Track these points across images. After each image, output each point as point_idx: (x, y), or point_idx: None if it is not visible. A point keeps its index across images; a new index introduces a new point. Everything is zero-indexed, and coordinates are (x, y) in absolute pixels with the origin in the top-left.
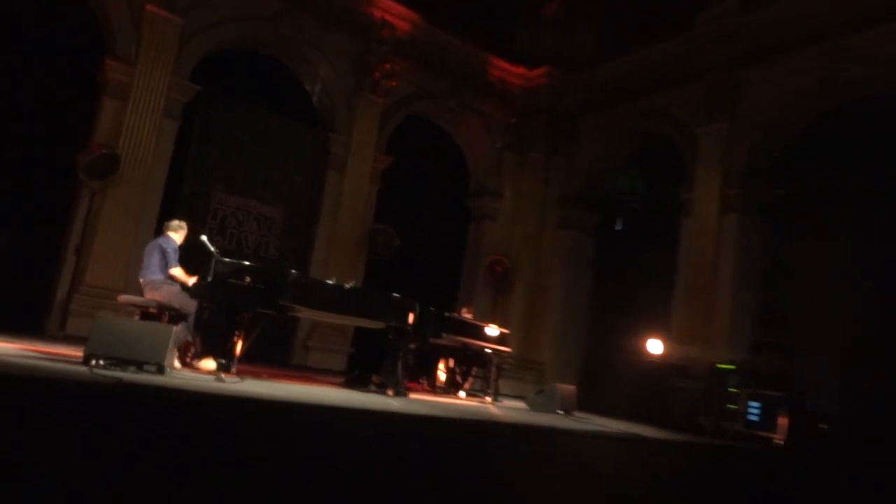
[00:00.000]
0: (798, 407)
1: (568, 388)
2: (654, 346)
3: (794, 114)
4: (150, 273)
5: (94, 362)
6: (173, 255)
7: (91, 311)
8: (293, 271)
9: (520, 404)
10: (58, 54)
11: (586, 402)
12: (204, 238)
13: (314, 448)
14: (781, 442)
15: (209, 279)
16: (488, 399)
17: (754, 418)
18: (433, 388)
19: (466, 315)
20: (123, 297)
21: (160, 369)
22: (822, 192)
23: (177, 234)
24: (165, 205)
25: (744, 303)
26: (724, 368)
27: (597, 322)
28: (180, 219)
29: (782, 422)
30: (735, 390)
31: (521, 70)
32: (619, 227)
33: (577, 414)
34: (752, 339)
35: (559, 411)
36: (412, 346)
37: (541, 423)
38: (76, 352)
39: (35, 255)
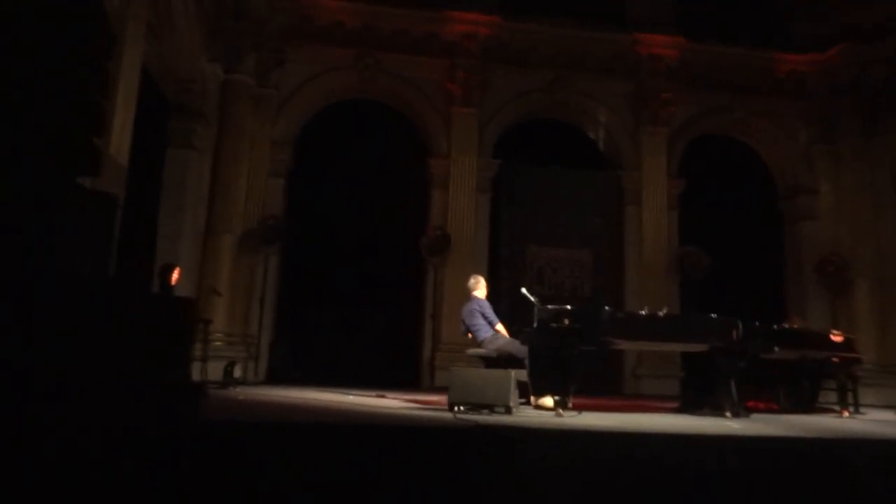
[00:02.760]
0: None
1: None
2: None
3: None
4: (482, 333)
5: (456, 409)
6: (490, 314)
7: (449, 365)
8: (606, 308)
9: (890, 415)
10: (397, 160)
11: None
12: (524, 290)
13: (648, 472)
14: None
15: (535, 325)
16: (845, 413)
17: None
18: (777, 405)
19: (796, 325)
20: (470, 351)
21: (508, 410)
22: None
23: (479, 291)
24: (490, 265)
25: None
26: None
27: None
28: (500, 274)
29: None
30: None
31: (809, 57)
32: None
33: None
34: None
35: None
36: (742, 364)
37: None
38: (443, 399)
39: (404, 323)
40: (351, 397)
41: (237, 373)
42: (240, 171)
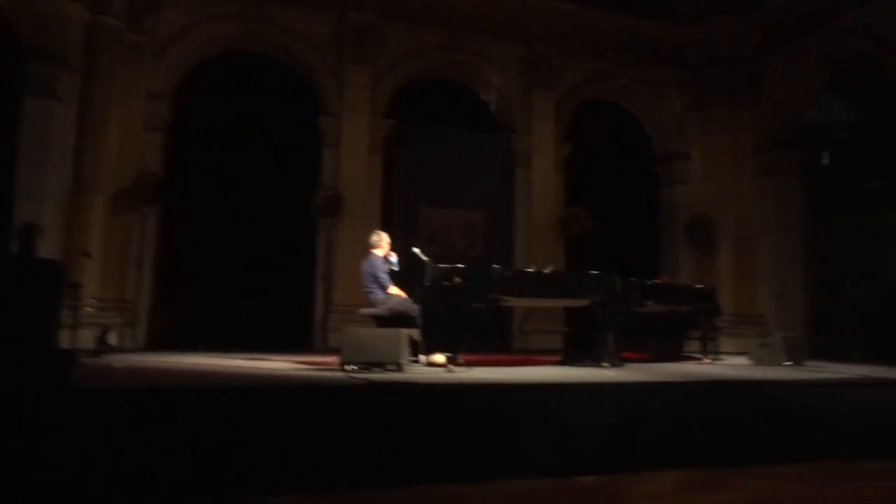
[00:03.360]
0: None
1: (794, 338)
2: None
3: None
4: (374, 295)
5: (348, 368)
6: (383, 276)
7: (342, 327)
8: (495, 266)
9: (743, 360)
10: (286, 117)
11: (818, 350)
12: (416, 250)
13: (531, 419)
14: None
15: (427, 284)
16: (707, 360)
17: None
18: (648, 355)
19: (664, 281)
20: (362, 311)
21: (399, 367)
22: None
23: (378, 249)
24: (383, 226)
25: None
26: None
27: (820, 264)
28: (396, 234)
29: None
30: None
31: (688, 28)
32: (825, 161)
33: (808, 364)
34: None
35: (787, 362)
36: (619, 317)
37: (766, 377)
38: (335, 360)
39: (296, 286)
40: (239, 361)
41: (112, 340)
42: (111, 124)
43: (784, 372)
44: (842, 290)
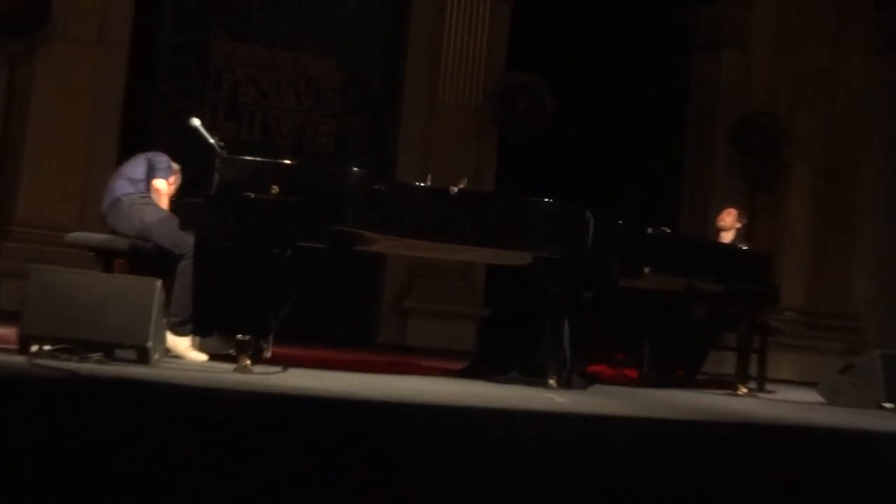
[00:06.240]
0: None
1: None
2: None
3: None
4: (127, 187)
5: (34, 348)
6: (164, 169)
7: (29, 266)
8: (355, 170)
9: (810, 396)
10: None
11: None
12: (196, 122)
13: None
14: None
15: (212, 194)
16: (743, 389)
17: None
18: (637, 371)
19: (729, 227)
20: (75, 236)
21: (143, 355)
22: None
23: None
24: (136, 65)
25: None
26: None
27: None
28: (157, 89)
29: None
30: None
31: None
32: None
33: None
34: None
35: (886, 404)
36: (587, 295)
37: (840, 425)
38: (10, 333)
39: None
40: None
41: None
42: None
43: (874, 420)
44: None
